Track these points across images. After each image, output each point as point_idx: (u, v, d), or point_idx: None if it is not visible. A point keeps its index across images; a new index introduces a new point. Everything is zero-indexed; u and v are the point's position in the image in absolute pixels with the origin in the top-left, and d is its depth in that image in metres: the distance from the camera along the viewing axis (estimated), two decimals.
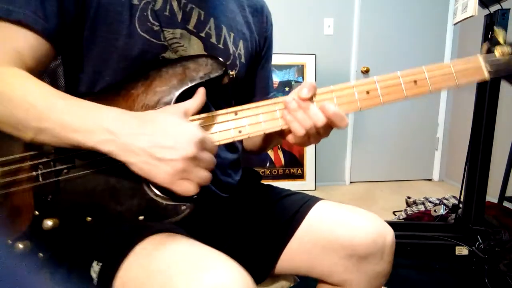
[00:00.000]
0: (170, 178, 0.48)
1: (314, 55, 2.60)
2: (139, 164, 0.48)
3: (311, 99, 0.56)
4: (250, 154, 0.83)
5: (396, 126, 2.90)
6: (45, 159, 0.54)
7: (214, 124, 0.57)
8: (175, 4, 0.60)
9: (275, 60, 2.58)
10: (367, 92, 0.57)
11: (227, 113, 0.57)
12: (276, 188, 0.78)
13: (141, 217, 0.55)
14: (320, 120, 0.55)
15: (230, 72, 0.62)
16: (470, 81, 0.57)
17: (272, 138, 0.68)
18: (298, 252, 0.66)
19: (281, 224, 0.68)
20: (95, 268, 0.51)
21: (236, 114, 0.57)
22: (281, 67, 2.56)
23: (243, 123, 0.57)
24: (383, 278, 0.66)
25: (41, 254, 0.54)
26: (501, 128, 1.70)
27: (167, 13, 0.59)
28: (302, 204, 0.69)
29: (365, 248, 0.62)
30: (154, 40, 0.58)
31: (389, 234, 0.65)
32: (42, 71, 0.60)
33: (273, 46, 0.81)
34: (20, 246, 0.53)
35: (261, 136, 0.67)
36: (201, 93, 0.55)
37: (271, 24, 0.79)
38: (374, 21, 2.71)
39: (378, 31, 2.72)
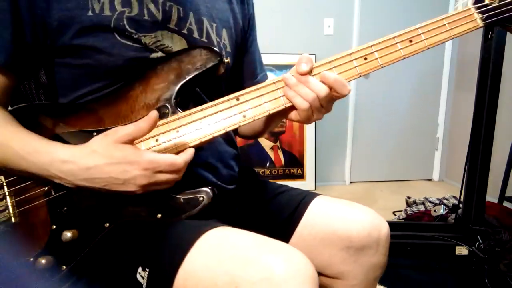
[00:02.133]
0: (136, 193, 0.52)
1: (314, 55, 2.60)
2: (102, 190, 0.52)
3: (310, 72, 0.56)
4: (245, 139, 0.83)
5: (396, 126, 2.90)
6: None
7: (218, 112, 0.57)
8: (152, 7, 0.59)
9: (275, 60, 2.59)
10: (365, 58, 0.58)
11: (229, 99, 0.57)
12: (273, 183, 0.79)
13: (159, 215, 0.56)
14: (323, 90, 0.55)
15: (225, 60, 0.62)
16: (464, 31, 0.59)
17: (272, 120, 0.69)
18: (297, 247, 0.67)
19: (282, 221, 0.69)
20: (142, 274, 0.52)
21: (238, 99, 0.57)
22: (281, 67, 2.56)
23: (247, 107, 0.57)
24: (380, 270, 0.68)
25: (64, 267, 0.54)
26: (501, 128, 1.70)
27: (146, 17, 0.58)
28: (300, 200, 0.71)
29: (361, 240, 0.64)
30: (137, 45, 0.57)
31: (384, 227, 0.67)
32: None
33: (256, 27, 0.80)
34: (43, 261, 0.53)
35: (262, 119, 0.68)
36: (150, 118, 0.51)
37: (252, 3, 0.78)
38: (374, 21, 2.70)
39: (378, 31, 2.71)
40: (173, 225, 0.56)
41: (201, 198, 0.56)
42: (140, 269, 0.52)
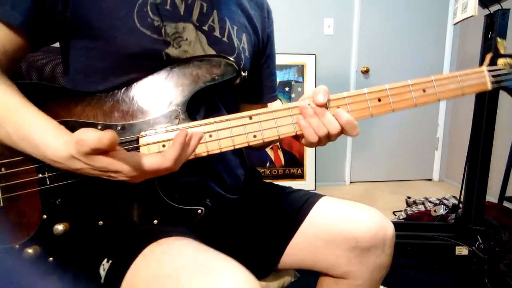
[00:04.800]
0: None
1: (314, 55, 2.60)
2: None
3: (325, 105, 0.56)
4: (251, 150, 0.83)
5: (396, 126, 2.90)
6: None
7: (230, 128, 0.56)
8: None
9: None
10: (379, 100, 0.59)
11: (242, 117, 0.56)
12: (278, 185, 0.79)
13: (156, 221, 0.56)
14: (335, 128, 0.56)
15: (243, 74, 0.62)
16: (474, 91, 0.61)
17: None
18: (302, 247, 0.67)
19: (285, 220, 0.69)
20: (105, 265, 0.51)
21: (250, 118, 0.57)
22: (281, 67, 2.56)
23: (258, 128, 0.57)
24: (384, 270, 0.68)
25: (51, 259, 0.53)
26: (501, 128, 1.70)
27: (168, 7, 0.57)
28: (305, 200, 0.70)
29: (368, 240, 0.64)
30: (155, 36, 0.56)
31: (390, 227, 0.66)
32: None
33: (275, 45, 0.80)
34: (29, 251, 0.52)
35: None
36: (111, 138, 0.46)
37: (272, 21, 0.78)
38: (374, 21, 2.70)
39: (378, 31, 2.72)
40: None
41: (199, 211, 0.56)
42: (105, 261, 0.52)
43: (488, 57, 0.62)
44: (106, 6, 0.54)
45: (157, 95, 0.56)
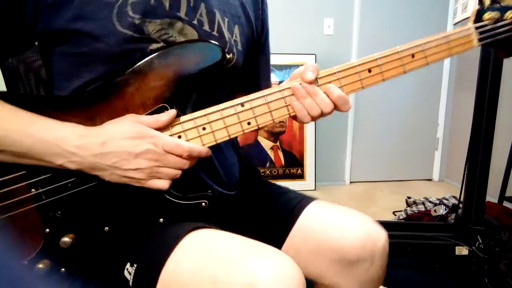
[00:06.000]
0: (140, 182, 0.52)
1: (314, 55, 2.60)
2: (108, 176, 0.51)
3: (316, 81, 0.56)
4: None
5: (396, 126, 2.90)
6: (43, 176, 0.51)
7: (223, 118, 0.55)
8: None
9: (275, 60, 2.59)
10: (369, 71, 0.58)
11: (233, 105, 0.55)
12: (273, 185, 0.78)
13: (161, 220, 0.56)
14: (328, 107, 0.56)
15: (228, 56, 0.59)
16: (462, 50, 0.59)
17: None
18: (289, 253, 0.64)
19: (276, 226, 0.67)
20: (130, 269, 0.51)
21: (242, 105, 0.55)
22: (281, 67, 2.56)
23: (251, 114, 0.56)
24: (376, 283, 0.65)
25: (63, 269, 0.53)
26: (501, 128, 1.69)
27: (152, 2, 0.54)
28: (295, 205, 0.68)
29: (354, 253, 0.61)
30: (137, 35, 0.53)
31: (381, 238, 0.62)
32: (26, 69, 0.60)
33: (269, 30, 0.78)
34: (40, 266, 0.51)
35: None
36: (169, 115, 0.53)
37: (267, 5, 0.75)
38: (374, 21, 2.70)
39: (378, 31, 2.72)
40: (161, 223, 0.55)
41: (203, 204, 0.56)
42: (128, 265, 0.52)
43: (474, 12, 0.59)
44: (82, 13, 0.51)
45: (142, 92, 0.53)
